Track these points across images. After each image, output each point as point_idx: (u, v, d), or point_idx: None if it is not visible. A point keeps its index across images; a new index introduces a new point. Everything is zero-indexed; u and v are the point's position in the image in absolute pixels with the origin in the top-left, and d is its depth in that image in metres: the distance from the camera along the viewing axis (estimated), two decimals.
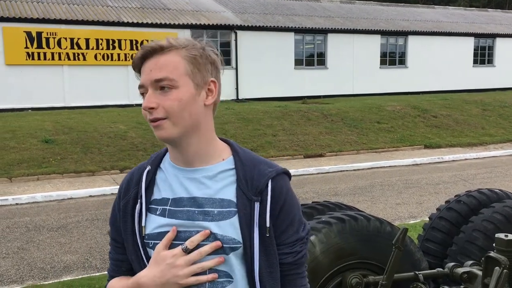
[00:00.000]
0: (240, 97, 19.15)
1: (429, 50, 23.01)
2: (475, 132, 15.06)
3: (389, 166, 11.29)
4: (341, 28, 21.29)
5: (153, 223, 1.26)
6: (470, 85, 23.79)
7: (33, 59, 16.04)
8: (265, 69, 19.43)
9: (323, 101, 18.70)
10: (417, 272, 2.92)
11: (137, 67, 1.25)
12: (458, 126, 15.40)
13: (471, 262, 3.11)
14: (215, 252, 1.21)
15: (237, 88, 19.19)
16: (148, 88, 1.21)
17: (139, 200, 1.29)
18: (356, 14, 23.82)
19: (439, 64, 23.19)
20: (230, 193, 1.25)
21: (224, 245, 1.21)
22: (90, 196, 8.70)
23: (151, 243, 1.26)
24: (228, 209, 1.23)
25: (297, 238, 1.29)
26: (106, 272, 5.01)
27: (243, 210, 1.22)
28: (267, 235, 1.23)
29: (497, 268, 2.52)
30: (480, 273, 2.83)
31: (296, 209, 1.29)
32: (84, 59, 16.73)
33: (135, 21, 17.45)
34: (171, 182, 1.28)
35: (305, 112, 14.83)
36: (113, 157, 10.78)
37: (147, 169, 1.32)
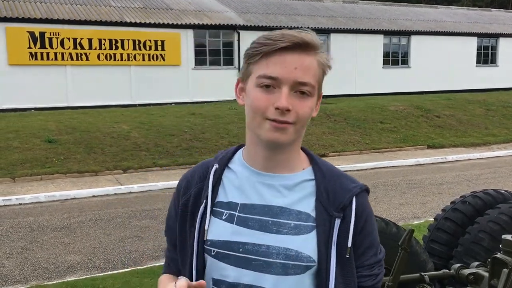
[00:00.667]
0: None
1: (432, 50, 22.96)
2: (478, 132, 15.02)
3: (392, 166, 11.27)
4: (343, 28, 21.27)
5: (219, 228, 1.16)
6: (473, 85, 23.73)
7: (36, 59, 16.06)
8: None
9: (325, 101, 18.66)
10: (423, 273, 2.91)
11: (266, 52, 1.10)
12: (461, 126, 15.36)
13: (477, 263, 3.09)
14: (292, 268, 1.12)
15: None
16: (285, 85, 1.09)
17: (203, 201, 1.18)
18: (359, 14, 23.79)
19: (442, 64, 23.13)
20: (308, 206, 1.16)
21: (299, 263, 1.12)
22: (93, 196, 8.70)
23: (213, 251, 1.16)
24: (305, 223, 1.14)
25: (376, 261, 1.21)
26: (110, 273, 4.97)
27: (322, 226, 1.13)
28: (347, 256, 1.14)
29: (505, 269, 2.50)
30: (486, 274, 2.81)
31: (375, 229, 1.23)
32: (87, 59, 16.75)
33: (138, 21, 17.45)
34: (242, 185, 1.18)
35: None
36: (116, 157, 10.78)
37: (215, 167, 1.22)
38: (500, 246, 2.71)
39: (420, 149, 13.31)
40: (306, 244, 1.12)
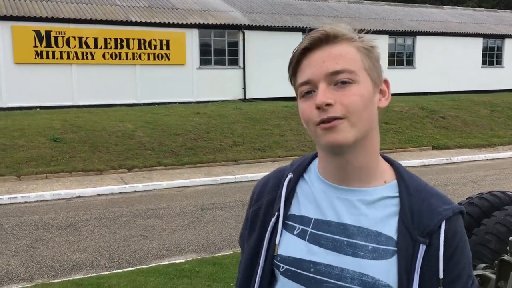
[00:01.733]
0: (247, 97, 19.15)
1: (437, 51, 22.90)
2: (483, 133, 14.96)
3: None
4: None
5: (290, 243, 1.07)
6: (478, 86, 23.65)
7: (42, 57, 16.11)
8: (272, 69, 19.40)
9: None
10: None
11: (297, 62, 1.04)
12: (466, 127, 15.31)
13: (483, 265, 3.08)
14: None
15: (244, 88, 19.19)
16: (320, 82, 0.99)
17: (275, 213, 1.10)
18: (364, 14, 23.75)
19: (448, 65, 23.07)
20: (390, 228, 1.02)
21: None
22: (98, 195, 8.73)
23: (282, 267, 1.07)
24: (385, 246, 1.01)
25: None
26: (116, 271, 4.96)
27: (404, 251, 1.00)
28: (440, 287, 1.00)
29: None
30: (493, 276, 2.80)
31: (468, 259, 1.05)
32: (93, 58, 16.79)
33: (143, 21, 17.48)
34: (317, 198, 1.08)
35: None
36: (121, 156, 10.81)
37: (289, 176, 1.13)
38: (507, 248, 2.70)
39: (425, 150, 13.28)
40: (385, 271, 1.00)
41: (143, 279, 4.95)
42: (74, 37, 16.48)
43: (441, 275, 1.00)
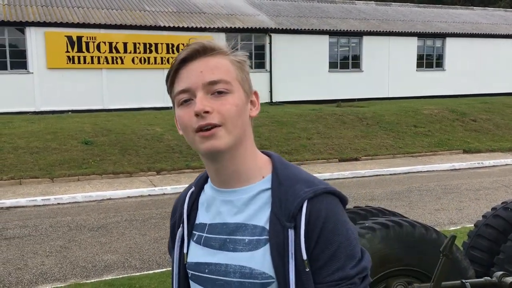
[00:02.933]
0: (274, 100, 19.16)
1: (467, 52, 22.47)
2: None
3: (427, 171, 11.07)
4: (376, 31, 21.04)
5: (192, 250, 1.16)
6: (511, 88, 23.08)
7: (73, 62, 16.50)
8: (299, 72, 19.38)
9: (357, 104, 18.51)
10: (464, 281, 2.85)
11: (175, 71, 1.09)
12: (498, 130, 14.95)
13: None
14: (249, 286, 1.06)
15: (271, 91, 19.21)
16: (197, 91, 1.05)
17: (181, 224, 1.19)
18: (392, 16, 23.50)
19: (478, 67, 22.61)
20: (263, 219, 1.07)
21: (255, 281, 1.05)
22: (128, 197, 8.87)
23: (190, 273, 1.16)
24: (259, 237, 1.06)
25: (342, 277, 1.03)
26: (146, 272, 5.02)
27: (274, 238, 1.04)
28: (306, 269, 1.02)
29: None
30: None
31: (343, 238, 1.04)
32: (122, 62, 17.10)
33: (171, 25, 17.72)
34: (208, 205, 1.16)
35: (339, 116, 14.71)
36: (150, 159, 10.97)
37: (191, 190, 1.22)
38: None
39: (456, 153, 13.03)
40: (260, 260, 1.05)
41: None
42: (105, 42, 16.83)
43: (304, 256, 1.02)
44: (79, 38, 16.52)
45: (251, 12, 20.52)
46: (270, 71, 19.22)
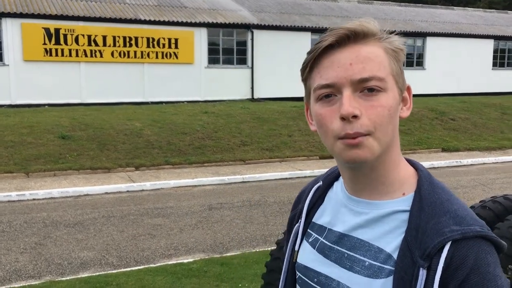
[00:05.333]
0: (255, 97, 19.11)
1: (447, 52, 22.75)
2: (493, 136, 14.83)
3: None
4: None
5: (304, 251, 1.06)
6: (489, 88, 23.47)
7: (50, 55, 16.17)
8: (281, 68, 19.35)
9: None
10: None
11: (316, 59, 0.93)
12: (476, 129, 15.18)
13: None
14: None
15: (252, 88, 19.16)
16: (344, 88, 0.90)
17: (299, 220, 1.09)
18: (373, 14, 23.62)
19: (458, 66, 22.91)
20: (392, 245, 0.92)
21: None
22: (106, 193, 8.72)
23: (298, 275, 1.06)
24: (382, 265, 0.92)
25: None
26: (123, 270, 4.92)
27: (401, 273, 0.88)
28: None
29: None
30: (507, 281, 2.74)
31: None
32: (101, 56, 16.83)
33: (152, 19, 17.50)
34: (335, 207, 1.04)
35: None
36: (128, 155, 10.81)
37: (318, 184, 1.10)
38: None
39: (435, 152, 13.17)
40: None
41: (151, 278, 4.93)
42: (83, 35, 16.53)
43: None
44: (57, 30, 16.19)
45: (234, 8, 20.40)
46: (252, 67, 19.15)
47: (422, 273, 0.86)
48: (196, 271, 5.11)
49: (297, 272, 1.06)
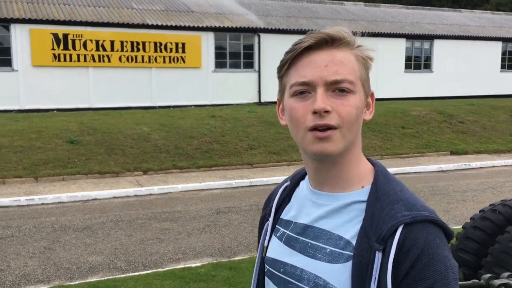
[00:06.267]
0: (262, 100, 19.12)
1: (455, 54, 22.64)
2: (502, 138, 14.72)
3: (415, 172, 11.11)
4: (365, 32, 21.08)
5: (273, 245, 1.13)
6: (497, 90, 23.31)
7: (59, 60, 16.28)
8: None
9: None
10: None
11: (294, 58, 1.02)
12: (485, 132, 15.08)
13: (508, 273, 3.01)
14: None
15: (259, 91, 19.17)
16: (318, 87, 0.98)
17: (269, 217, 1.18)
18: (380, 17, 23.59)
19: (466, 69, 22.78)
20: (351, 232, 1.00)
21: None
22: (114, 197, 8.76)
23: (266, 268, 1.14)
24: (342, 250, 0.99)
25: None
26: (132, 274, 4.93)
27: (359, 257, 0.95)
28: None
29: None
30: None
31: (439, 276, 0.91)
32: (109, 61, 16.92)
33: (159, 24, 17.58)
34: (300, 203, 1.12)
35: None
36: (136, 159, 10.85)
37: (285, 184, 1.19)
38: None
39: (443, 155, 13.10)
40: (337, 275, 0.98)
41: (159, 282, 4.94)
42: (91, 40, 16.64)
43: (389, 285, 0.91)
44: (65, 36, 16.31)
45: (240, 12, 20.45)
46: (259, 71, 19.17)
47: (378, 256, 0.94)
48: (204, 275, 5.11)
49: (266, 265, 1.14)
